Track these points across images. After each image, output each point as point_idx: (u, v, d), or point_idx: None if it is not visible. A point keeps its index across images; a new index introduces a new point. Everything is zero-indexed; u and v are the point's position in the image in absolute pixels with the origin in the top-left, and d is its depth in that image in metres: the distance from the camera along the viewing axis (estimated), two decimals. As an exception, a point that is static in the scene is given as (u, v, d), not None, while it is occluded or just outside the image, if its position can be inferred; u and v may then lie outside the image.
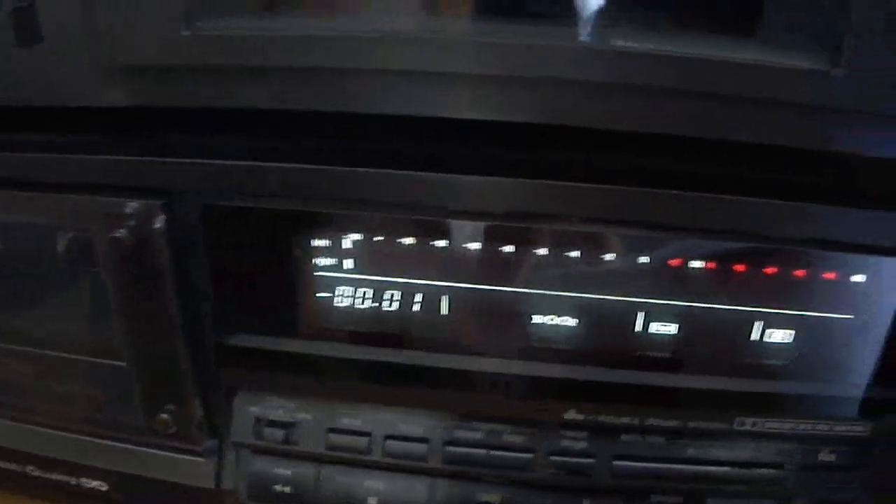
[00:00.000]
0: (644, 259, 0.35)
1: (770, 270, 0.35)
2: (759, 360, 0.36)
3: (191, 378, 0.38)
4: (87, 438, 0.40)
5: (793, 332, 0.36)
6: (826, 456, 0.39)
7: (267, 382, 0.38)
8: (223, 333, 0.37)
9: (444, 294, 0.36)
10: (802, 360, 0.36)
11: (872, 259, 0.35)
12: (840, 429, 0.38)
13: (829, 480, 0.38)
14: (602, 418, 0.37)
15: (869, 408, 0.37)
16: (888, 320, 0.36)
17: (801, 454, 0.38)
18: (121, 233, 0.34)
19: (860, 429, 0.38)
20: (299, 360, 0.37)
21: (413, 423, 0.38)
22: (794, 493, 0.39)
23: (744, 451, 0.38)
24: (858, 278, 0.35)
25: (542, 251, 0.35)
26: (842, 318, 0.36)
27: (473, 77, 0.32)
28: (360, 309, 0.36)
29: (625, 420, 0.37)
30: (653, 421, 0.37)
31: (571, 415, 0.37)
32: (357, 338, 0.37)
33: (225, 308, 0.37)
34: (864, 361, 0.37)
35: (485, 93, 0.32)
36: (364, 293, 0.36)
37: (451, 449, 0.38)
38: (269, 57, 0.32)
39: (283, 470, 0.39)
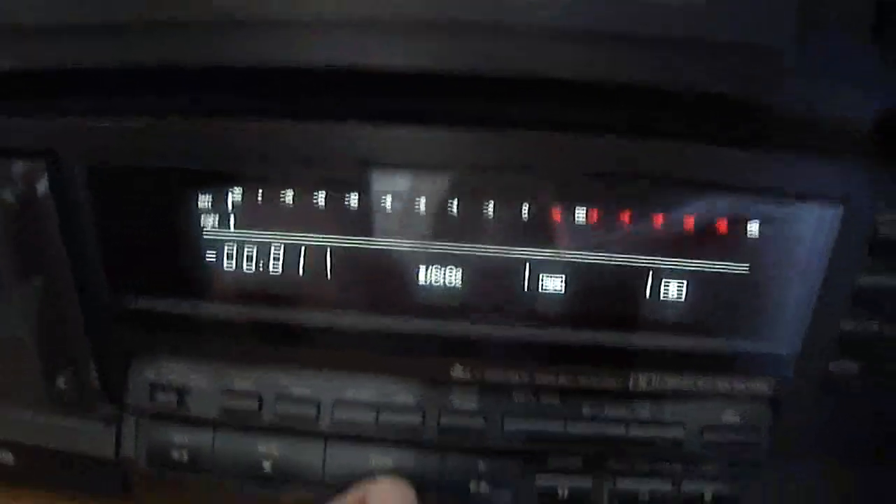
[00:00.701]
0: (527, 209, 0.34)
1: (661, 219, 0.35)
2: (653, 314, 0.36)
3: (85, 343, 0.38)
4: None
5: (686, 284, 0.35)
6: (730, 417, 0.37)
7: (161, 346, 0.38)
8: (115, 296, 0.37)
9: (328, 251, 0.36)
10: (697, 315, 0.36)
11: (768, 207, 0.34)
12: (741, 386, 0.36)
13: (734, 442, 0.37)
14: (489, 376, 0.36)
15: (771, 364, 0.36)
16: (787, 273, 0.35)
17: (703, 414, 0.37)
18: (6, 194, 0.35)
19: (763, 386, 0.37)
20: (191, 321, 0.37)
21: (303, 384, 0.37)
22: (698, 455, 0.37)
23: (642, 411, 0.37)
24: (753, 227, 0.35)
25: (422, 202, 0.34)
26: (737, 270, 0.35)
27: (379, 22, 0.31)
28: (247, 269, 0.36)
29: (514, 378, 0.36)
30: (543, 379, 0.36)
31: (458, 372, 0.36)
32: (245, 298, 0.37)
33: (116, 270, 0.37)
34: (763, 316, 0.36)
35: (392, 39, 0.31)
36: (250, 252, 0.36)
37: (341, 411, 0.37)
38: (155, 11, 0.32)
39: (181, 436, 0.39)
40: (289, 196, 0.35)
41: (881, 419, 0.37)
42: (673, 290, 0.35)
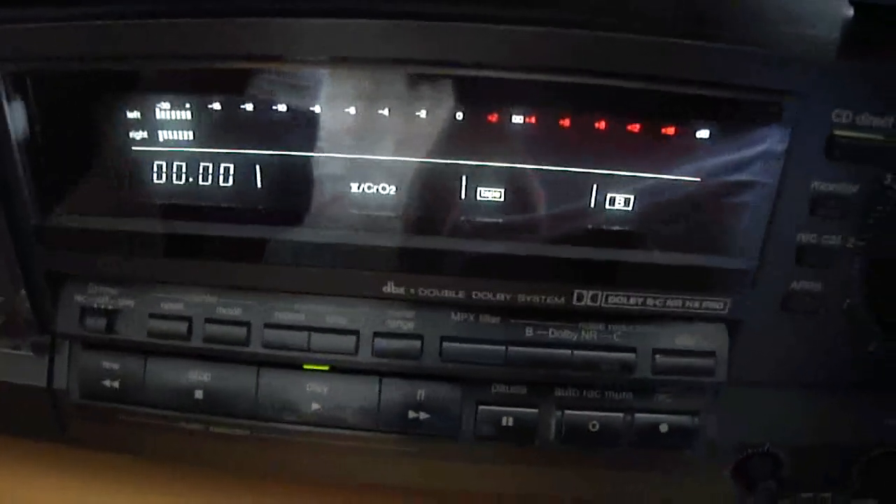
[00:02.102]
0: (460, 114, 0.32)
1: (602, 125, 0.33)
2: (598, 225, 0.33)
3: (14, 265, 0.37)
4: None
5: (632, 195, 0.33)
6: (684, 340, 0.35)
7: (90, 268, 0.37)
8: (42, 214, 0.36)
9: (257, 163, 0.34)
10: (645, 227, 0.33)
11: (718, 107, 0.32)
12: (694, 304, 0.34)
13: (689, 367, 0.35)
14: (423, 292, 0.34)
15: (727, 281, 0.34)
16: (740, 180, 0.33)
17: (655, 337, 0.35)
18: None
19: (719, 305, 0.34)
20: (119, 240, 0.36)
21: (233, 305, 0.36)
22: (650, 382, 0.35)
23: (589, 333, 0.35)
24: (703, 134, 0.33)
25: (353, 109, 0.33)
26: (688, 178, 0.33)
27: None
28: (175, 183, 0.35)
29: (449, 294, 0.34)
30: (480, 295, 0.34)
31: (391, 288, 0.34)
32: (174, 214, 0.35)
33: (42, 187, 0.36)
34: (716, 228, 0.34)
35: None
36: (178, 166, 0.35)
37: (272, 332, 0.36)
38: None
39: (111, 363, 0.37)
40: (216, 104, 0.34)
41: (842, 340, 0.34)
42: (619, 200, 0.33)
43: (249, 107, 0.33)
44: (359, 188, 0.34)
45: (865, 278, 0.34)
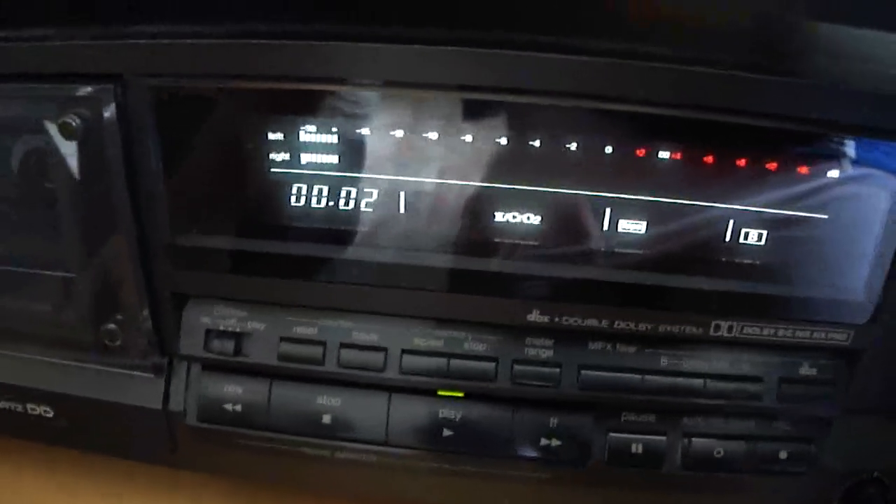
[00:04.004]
0: (609, 148, 0.34)
1: (742, 163, 0.34)
2: (733, 258, 0.35)
3: (140, 284, 0.36)
4: (32, 357, 0.38)
5: (765, 230, 0.35)
6: (807, 370, 0.37)
7: (220, 289, 0.37)
8: (175, 233, 0.35)
9: (402, 189, 0.35)
10: (778, 261, 0.35)
11: (847, 147, 0.34)
12: (819, 335, 0.36)
13: (810, 395, 0.36)
14: (567, 321, 0.35)
15: (850, 313, 0.36)
16: (866, 217, 0.35)
17: (781, 367, 0.36)
18: (70, 119, 0.33)
19: (841, 336, 0.36)
20: (252, 261, 0.36)
21: (369, 329, 0.36)
22: (773, 410, 0.36)
23: (720, 363, 0.36)
24: (833, 171, 0.34)
25: (505, 139, 0.33)
26: (817, 216, 0.35)
27: None
28: (314, 206, 0.35)
29: (591, 323, 0.35)
30: (621, 324, 0.35)
31: (535, 316, 0.35)
32: (311, 236, 0.35)
33: (177, 205, 0.35)
34: (842, 263, 0.35)
35: None
36: (318, 189, 0.35)
37: (410, 358, 0.36)
38: None
39: (234, 387, 0.37)
40: (364, 130, 0.34)
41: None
42: (753, 235, 0.35)
43: (397, 133, 0.34)
44: (503, 216, 0.35)
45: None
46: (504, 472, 0.37)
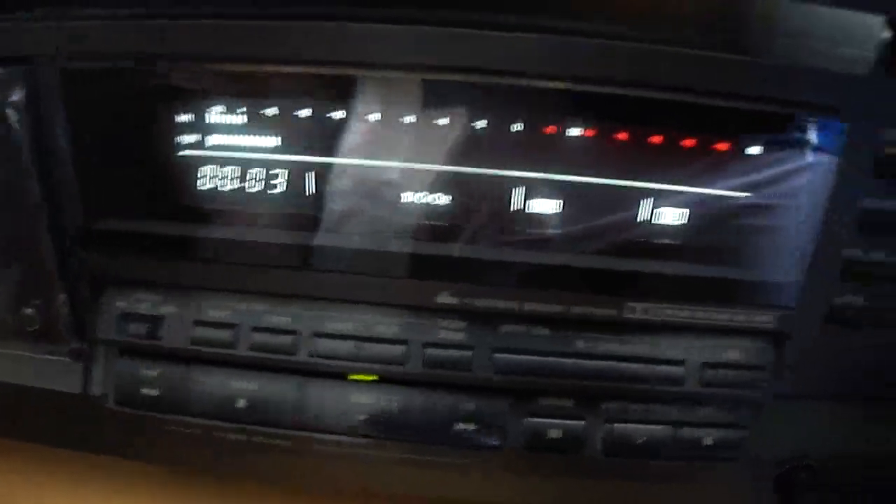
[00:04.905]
0: (516, 127, 0.33)
1: (657, 140, 0.33)
2: (649, 239, 0.34)
3: (55, 269, 0.36)
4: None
5: (682, 210, 0.34)
6: (732, 354, 0.35)
7: (135, 273, 0.36)
8: (88, 217, 0.35)
9: (310, 170, 0.34)
10: (698, 242, 0.34)
11: (769, 125, 0.32)
12: (742, 318, 0.35)
13: (736, 381, 0.35)
14: (477, 303, 0.34)
15: (774, 295, 0.34)
16: (789, 196, 0.33)
17: (704, 351, 0.35)
18: (-24, 106, 0.34)
19: (766, 319, 0.35)
20: (166, 244, 0.35)
21: (281, 312, 0.36)
22: (697, 396, 0.35)
23: (638, 346, 0.35)
24: (753, 150, 0.33)
25: (411, 118, 0.33)
26: (738, 194, 0.34)
27: None
28: (225, 188, 0.35)
29: (502, 305, 0.34)
30: (533, 307, 0.34)
31: (444, 298, 0.34)
32: (222, 219, 0.35)
33: (89, 189, 0.35)
34: (764, 243, 0.34)
35: None
36: (229, 171, 0.35)
37: (320, 341, 0.35)
38: None
39: (150, 371, 0.37)
40: (271, 111, 0.34)
41: (887, 353, 0.35)
42: (670, 214, 0.34)
43: (303, 113, 0.33)
44: (413, 197, 0.34)
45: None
46: (421, 458, 0.36)
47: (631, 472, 0.37)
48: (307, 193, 0.34)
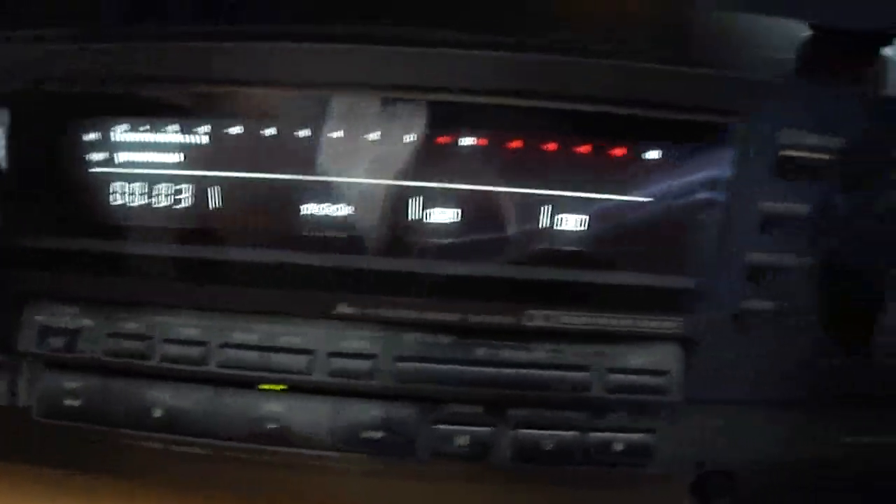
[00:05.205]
0: (409, 137, 0.33)
1: (552, 147, 0.33)
2: (549, 246, 0.34)
3: (-24, 286, 0.38)
4: None
5: (583, 216, 0.33)
6: (637, 359, 0.35)
7: (52, 288, 0.37)
8: (6, 234, 0.36)
9: (213, 185, 0.35)
10: (595, 248, 0.34)
11: (668, 132, 0.32)
12: (646, 324, 0.34)
13: (643, 386, 0.35)
14: (376, 312, 0.35)
15: (679, 300, 0.34)
16: (690, 200, 0.33)
17: (608, 357, 0.35)
18: None
19: (671, 324, 0.34)
20: (80, 259, 0.36)
21: (190, 324, 0.36)
22: (604, 402, 0.35)
23: (540, 353, 0.35)
24: (653, 155, 0.33)
25: (307, 131, 0.33)
26: (638, 199, 0.33)
27: None
28: (133, 204, 0.35)
29: (402, 314, 0.34)
30: (432, 315, 0.34)
31: (343, 308, 0.35)
32: (132, 234, 0.35)
33: (6, 206, 0.36)
34: (667, 248, 0.34)
35: None
36: (136, 187, 0.35)
37: (229, 351, 0.36)
38: None
39: (72, 382, 0.38)
40: (173, 127, 0.34)
41: (796, 357, 0.34)
42: (570, 221, 0.33)
43: (206, 129, 0.34)
44: (311, 209, 0.34)
45: (817, 295, 0.34)
46: (333, 465, 0.37)
47: (545, 479, 0.37)
48: (210, 208, 0.35)
